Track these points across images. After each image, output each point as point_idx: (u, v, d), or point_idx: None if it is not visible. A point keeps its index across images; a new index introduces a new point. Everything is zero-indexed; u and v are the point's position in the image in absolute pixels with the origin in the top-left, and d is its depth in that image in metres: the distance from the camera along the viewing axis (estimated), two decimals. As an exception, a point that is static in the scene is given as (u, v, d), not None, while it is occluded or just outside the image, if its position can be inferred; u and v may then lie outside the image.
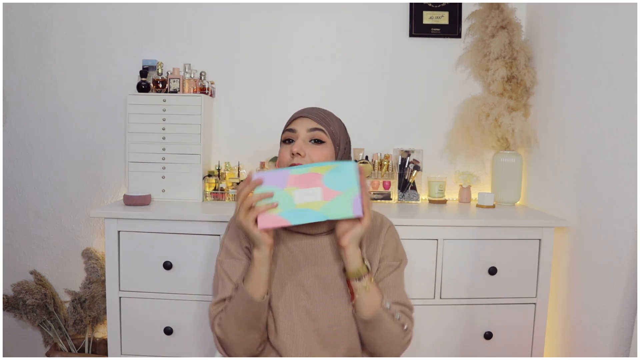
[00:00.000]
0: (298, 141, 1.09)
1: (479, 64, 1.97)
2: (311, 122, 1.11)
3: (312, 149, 1.09)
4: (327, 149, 1.10)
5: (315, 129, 1.10)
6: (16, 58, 2.00)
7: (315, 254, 1.12)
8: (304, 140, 1.10)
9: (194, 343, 1.65)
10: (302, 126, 1.11)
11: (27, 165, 2.04)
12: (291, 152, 1.08)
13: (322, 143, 1.10)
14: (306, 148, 1.09)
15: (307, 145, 1.10)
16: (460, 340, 1.67)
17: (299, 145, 1.08)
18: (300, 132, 1.10)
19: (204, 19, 2.01)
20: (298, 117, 1.13)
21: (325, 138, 1.10)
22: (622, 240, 1.38)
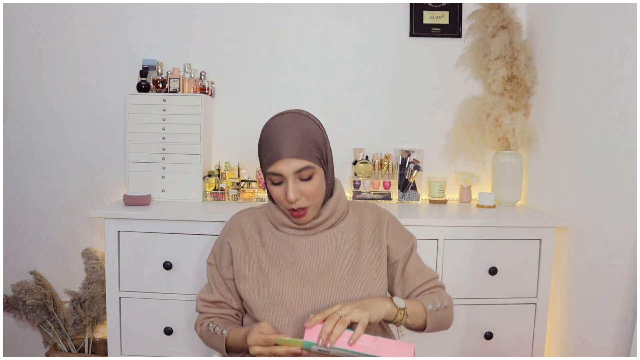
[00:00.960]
0: (290, 185, 1.05)
1: (480, 64, 1.97)
2: (296, 163, 1.05)
3: (305, 186, 1.07)
4: (317, 177, 1.09)
5: (304, 169, 1.06)
6: (16, 58, 2.00)
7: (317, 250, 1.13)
8: (294, 181, 1.06)
9: (194, 343, 1.65)
10: (287, 169, 1.05)
11: (27, 165, 2.04)
12: (288, 200, 1.06)
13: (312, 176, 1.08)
14: (299, 187, 1.07)
15: (298, 184, 1.07)
16: (460, 340, 1.67)
17: (294, 191, 1.06)
18: (287, 176, 1.06)
19: (204, 19, 2.01)
20: (279, 160, 1.05)
21: (314, 171, 1.08)
22: (622, 240, 1.38)
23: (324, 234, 1.15)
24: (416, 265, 1.18)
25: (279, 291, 1.10)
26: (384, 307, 1.01)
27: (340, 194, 1.18)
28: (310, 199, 1.09)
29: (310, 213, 1.11)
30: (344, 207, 1.18)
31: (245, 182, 1.91)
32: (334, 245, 1.14)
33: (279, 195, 1.09)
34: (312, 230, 1.15)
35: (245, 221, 1.22)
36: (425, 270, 1.19)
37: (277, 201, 1.11)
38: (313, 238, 1.15)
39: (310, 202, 1.09)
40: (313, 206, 1.10)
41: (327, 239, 1.15)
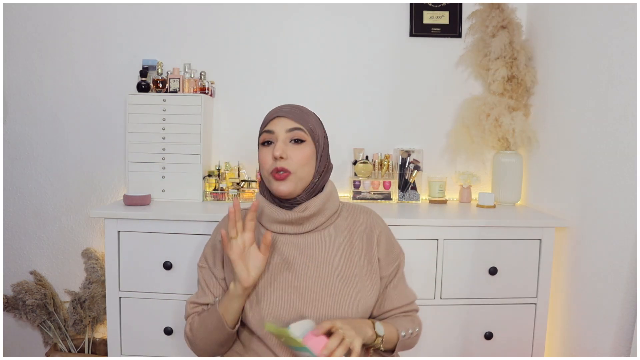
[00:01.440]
0: (278, 143, 1.07)
1: (480, 64, 1.97)
2: (289, 122, 1.09)
3: (293, 150, 1.07)
4: (308, 148, 1.09)
5: (295, 129, 1.08)
6: (16, 58, 2.00)
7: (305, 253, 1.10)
8: (284, 141, 1.08)
9: (194, 343, 1.65)
10: (280, 127, 1.08)
11: (27, 165, 2.04)
12: (273, 156, 1.06)
13: (302, 142, 1.09)
14: (287, 149, 1.07)
15: (287, 146, 1.08)
16: (460, 340, 1.67)
17: (281, 148, 1.06)
18: (279, 133, 1.08)
19: (203, 19, 2.01)
20: (275, 117, 1.10)
21: (305, 137, 1.09)
22: (622, 240, 1.38)
23: (313, 236, 1.12)
24: (399, 285, 1.18)
25: (267, 297, 1.07)
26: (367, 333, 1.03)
27: (332, 192, 1.15)
28: (296, 165, 1.07)
29: (292, 183, 1.07)
30: (334, 207, 1.15)
31: (245, 182, 1.91)
32: (323, 249, 1.11)
33: (265, 157, 1.09)
34: (301, 228, 1.11)
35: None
36: (406, 292, 1.19)
37: (262, 164, 1.10)
38: (302, 239, 1.12)
39: (294, 168, 1.07)
40: (296, 178, 1.08)
41: (317, 240, 1.12)
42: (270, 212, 1.12)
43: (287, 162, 1.06)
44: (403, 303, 1.17)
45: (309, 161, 1.09)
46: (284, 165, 1.06)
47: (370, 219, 1.18)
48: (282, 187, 1.07)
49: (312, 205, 1.10)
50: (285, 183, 1.07)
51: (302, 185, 1.10)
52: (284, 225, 1.12)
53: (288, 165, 1.06)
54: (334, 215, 1.15)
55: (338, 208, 1.17)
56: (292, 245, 1.11)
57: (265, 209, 1.13)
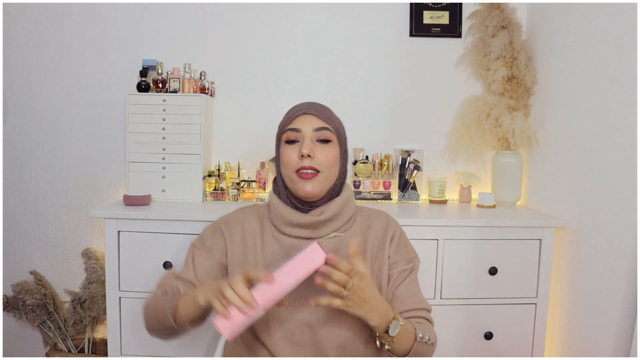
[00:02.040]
0: (306, 141, 1.03)
1: (480, 64, 1.97)
2: (317, 120, 1.05)
3: (320, 150, 1.04)
4: (334, 148, 1.06)
5: (322, 128, 1.04)
6: (16, 58, 2.00)
7: None
8: (311, 139, 1.04)
9: (194, 343, 1.65)
10: (307, 125, 1.04)
11: (27, 165, 2.04)
12: (300, 154, 1.02)
13: (329, 142, 1.05)
14: (314, 148, 1.03)
15: (314, 145, 1.04)
16: (460, 340, 1.67)
17: (309, 146, 1.02)
18: (305, 132, 1.04)
19: (204, 19, 2.01)
20: (301, 114, 1.05)
21: (332, 137, 1.05)
22: (622, 240, 1.38)
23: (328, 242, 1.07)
24: (412, 288, 1.09)
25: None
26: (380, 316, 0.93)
27: (349, 197, 1.11)
28: (323, 165, 1.03)
29: (319, 183, 1.03)
30: (351, 211, 1.11)
31: (245, 182, 1.91)
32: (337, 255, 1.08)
33: (290, 156, 1.04)
34: (315, 232, 1.07)
35: (248, 218, 1.14)
36: (420, 297, 1.10)
37: (286, 163, 1.05)
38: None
39: (321, 168, 1.03)
40: (322, 178, 1.03)
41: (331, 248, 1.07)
42: (285, 213, 1.07)
43: (314, 161, 1.02)
44: (416, 306, 1.07)
45: (335, 162, 1.06)
46: (311, 163, 1.02)
47: (385, 224, 1.14)
48: (308, 187, 1.03)
49: (329, 209, 1.06)
50: (312, 183, 1.03)
51: (327, 187, 1.06)
52: (297, 228, 1.07)
53: (316, 164, 1.03)
54: (349, 222, 1.11)
55: (354, 214, 1.13)
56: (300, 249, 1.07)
57: (280, 210, 1.08)
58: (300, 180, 1.03)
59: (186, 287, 1.06)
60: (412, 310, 1.07)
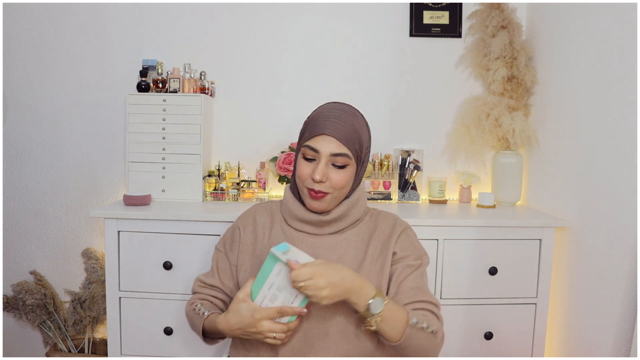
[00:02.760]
0: (321, 165, 1.05)
1: (480, 64, 1.97)
2: (336, 145, 1.04)
3: (334, 173, 1.06)
4: (348, 172, 1.08)
5: (340, 155, 1.05)
6: (16, 58, 2.00)
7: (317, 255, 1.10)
8: (326, 163, 1.05)
9: (194, 343, 1.65)
10: (325, 147, 1.05)
11: (27, 165, 2.04)
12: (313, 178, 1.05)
13: (345, 166, 1.07)
14: (328, 172, 1.05)
15: (328, 167, 1.06)
16: (460, 340, 1.67)
17: (322, 172, 1.04)
18: (322, 154, 1.05)
19: (204, 19, 2.01)
20: (321, 134, 1.05)
21: (349, 162, 1.06)
22: (622, 240, 1.38)
23: (331, 238, 1.12)
24: (417, 282, 1.08)
25: None
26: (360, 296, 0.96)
27: (359, 199, 1.14)
28: (333, 188, 1.06)
29: (328, 202, 1.08)
30: (359, 213, 1.14)
31: (245, 182, 1.91)
32: (336, 253, 1.11)
33: (305, 171, 1.07)
34: (320, 230, 1.12)
35: (260, 212, 1.20)
36: (425, 291, 1.08)
37: (300, 177, 1.08)
38: (318, 240, 1.12)
39: (332, 191, 1.07)
40: (333, 197, 1.08)
41: (332, 244, 1.11)
42: (293, 208, 1.13)
43: (325, 184, 1.06)
44: (418, 299, 1.05)
45: (348, 183, 1.09)
46: (321, 188, 1.06)
47: (392, 225, 1.15)
48: (315, 204, 1.08)
49: (335, 211, 1.11)
50: (319, 202, 1.08)
51: (336, 203, 1.11)
52: (303, 223, 1.12)
53: (325, 187, 1.06)
54: (356, 222, 1.15)
55: (362, 214, 1.16)
56: (307, 245, 1.11)
57: (289, 205, 1.14)
58: (308, 197, 1.08)
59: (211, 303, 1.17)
60: (415, 303, 1.05)
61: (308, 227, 1.12)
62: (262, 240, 1.16)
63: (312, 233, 1.12)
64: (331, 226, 1.12)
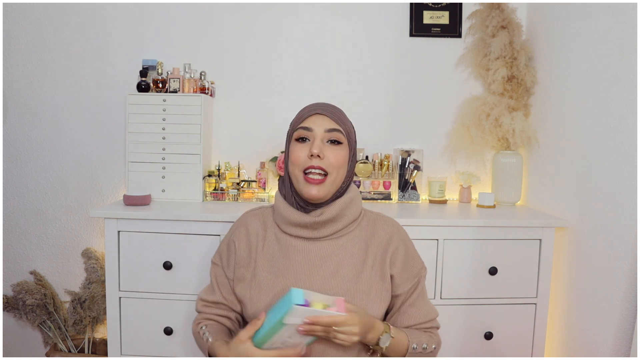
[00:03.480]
0: (316, 142, 1.04)
1: (480, 64, 1.97)
2: (329, 122, 1.05)
3: (330, 151, 1.04)
4: (344, 150, 1.06)
5: (334, 130, 1.05)
6: (16, 58, 2.00)
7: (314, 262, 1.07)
8: (322, 140, 1.05)
9: (194, 343, 1.65)
10: (318, 125, 1.05)
11: (27, 165, 2.04)
12: (310, 154, 1.03)
13: (339, 144, 1.06)
14: (324, 149, 1.04)
15: (324, 145, 1.05)
16: (460, 340, 1.67)
17: (319, 146, 1.03)
18: (316, 132, 1.05)
19: (204, 19, 2.01)
20: (314, 114, 1.06)
21: (343, 139, 1.06)
22: (622, 240, 1.38)
23: (327, 244, 1.08)
24: (418, 302, 1.13)
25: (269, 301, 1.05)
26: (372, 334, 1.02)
27: (353, 199, 1.10)
28: (331, 166, 1.04)
29: (327, 187, 1.04)
30: (354, 214, 1.10)
31: (245, 182, 1.91)
32: (334, 261, 1.07)
33: (299, 154, 1.04)
34: (315, 233, 1.07)
35: (252, 221, 1.16)
36: (426, 310, 1.14)
37: (295, 161, 1.05)
38: (314, 246, 1.08)
39: (330, 170, 1.04)
40: (329, 182, 1.04)
41: (329, 252, 1.08)
42: (285, 213, 1.08)
43: (323, 161, 1.03)
44: (421, 320, 1.12)
45: (344, 164, 1.06)
46: (320, 164, 1.03)
47: (389, 233, 1.12)
48: (314, 190, 1.03)
49: (329, 210, 1.07)
50: (318, 187, 1.04)
51: (333, 190, 1.07)
52: (298, 228, 1.08)
53: (324, 165, 1.03)
54: (352, 224, 1.11)
55: (359, 216, 1.13)
56: (303, 253, 1.08)
57: (282, 210, 1.09)
58: (306, 184, 1.04)
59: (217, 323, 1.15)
60: (420, 324, 1.13)
61: (303, 232, 1.08)
62: (257, 250, 1.12)
63: (307, 237, 1.08)
64: (326, 228, 1.07)
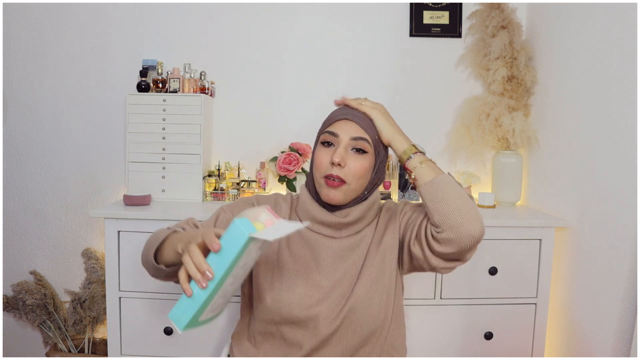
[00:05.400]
0: (340, 149, 1.03)
1: (480, 64, 1.97)
2: (356, 129, 1.04)
3: (353, 159, 1.04)
4: (367, 160, 1.05)
5: (360, 138, 1.04)
6: (16, 58, 2.00)
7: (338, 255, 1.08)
8: (346, 147, 1.04)
9: (194, 343, 1.65)
10: (345, 131, 1.04)
11: (27, 165, 2.04)
12: (331, 161, 1.02)
13: (364, 153, 1.05)
14: (347, 157, 1.03)
15: (348, 153, 1.04)
16: (460, 340, 1.67)
17: (341, 155, 1.02)
18: (342, 138, 1.04)
19: (204, 19, 2.01)
20: (342, 119, 1.05)
21: (368, 148, 1.05)
22: (622, 240, 1.38)
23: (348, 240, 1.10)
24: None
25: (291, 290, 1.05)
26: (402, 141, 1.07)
27: (374, 202, 1.13)
28: (352, 176, 1.03)
29: (343, 193, 1.04)
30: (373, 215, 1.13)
31: (245, 182, 1.91)
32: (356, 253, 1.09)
33: (322, 158, 1.04)
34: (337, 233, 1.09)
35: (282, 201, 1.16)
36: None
37: (318, 165, 1.05)
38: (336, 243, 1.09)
39: (349, 179, 1.03)
40: (350, 189, 1.04)
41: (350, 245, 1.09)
42: (311, 209, 1.09)
43: (343, 170, 1.03)
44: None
45: (366, 174, 1.06)
46: (339, 173, 1.02)
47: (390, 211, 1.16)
48: (331, 194, 1.04)
49: (354, 212, 1.08)
50: (335, 192, 1.04)
51: (352, 196, 1.07)
52: (321, 226, 1.09)
53: (344, 174, 1.03)
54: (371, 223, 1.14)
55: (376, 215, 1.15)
56: (326, 248, 1.09)
57: (307, 205, 1.10)
58: (325, 186, 1.05)
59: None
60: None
61: (325, 230, 1.09)
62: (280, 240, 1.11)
63: (329, 236, 1.09)
64: (349, 229, 1.09)
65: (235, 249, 0.78)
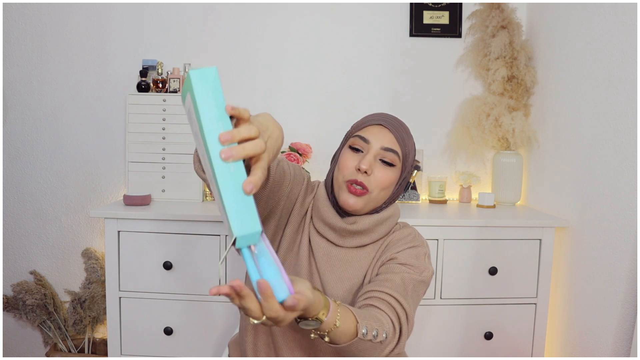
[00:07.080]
0: (369, 156, 0.98)
1: (480, 64, 1.97)
2: (389, 139, 0.99)
3: (379, 169, 0.99)
4: (394, 173, 1.01)
5: (391, 150, 0.99)
6: (16, 58, 2.00)
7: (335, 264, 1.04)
8: (375, 156, 0.99)
9: (194, 343, 1.65)
10: (378, 139, 0.99)
11: (27, 165, 2.04)
12: (358, 167, 0.98)
13: (392, 166, 1.00)
14: (374, 166, 0.99)
15: (375, 162, 0.99)
16: (460, 340, 1.67)
17: (369, 163, 0.97)
18: (373, 145, 0.99)
19: (204, 19, 2.01)
20: (376, 125, 1.00)
21: (397, 162, 1.01)
22: (622, 240, 1.38)
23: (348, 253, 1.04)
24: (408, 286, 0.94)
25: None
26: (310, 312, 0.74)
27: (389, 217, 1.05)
28: (376, 186, 0.99)
29: (365, 202, 0.99)
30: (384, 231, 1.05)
31: (245, 182, 1.91)
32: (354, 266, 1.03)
33: (348, 163, 0.99)
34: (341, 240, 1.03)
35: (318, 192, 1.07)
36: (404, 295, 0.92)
37: (342, 168, 1.00)
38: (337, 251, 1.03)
39: (373, 189, 0.99)
40: (371, 198, 1.00)
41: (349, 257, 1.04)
42: (322, 208, 1.03)
43: (368, 178, 0.98)
44: (395, 292, 0.91)
45: (390, 186, 1.02)
46: (364, 180, 0.98)
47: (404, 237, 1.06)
48: (351, 200, 0.99)
49: (362, 222, 1.02)
50: (357, 199, 0.99)
51: (371, 206, 1.02)
52: (327, 228, 1.03)
53: (368, 182, 0.98)
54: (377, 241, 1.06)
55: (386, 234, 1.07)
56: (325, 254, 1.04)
57: (319, 203, 1.04)
58: (346, 191, 1.00)
59: None
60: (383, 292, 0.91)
61: (330, 233, 1.03)
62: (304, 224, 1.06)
63: (332, 242, 1.04)
64: (354, 239, 1.03)
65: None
